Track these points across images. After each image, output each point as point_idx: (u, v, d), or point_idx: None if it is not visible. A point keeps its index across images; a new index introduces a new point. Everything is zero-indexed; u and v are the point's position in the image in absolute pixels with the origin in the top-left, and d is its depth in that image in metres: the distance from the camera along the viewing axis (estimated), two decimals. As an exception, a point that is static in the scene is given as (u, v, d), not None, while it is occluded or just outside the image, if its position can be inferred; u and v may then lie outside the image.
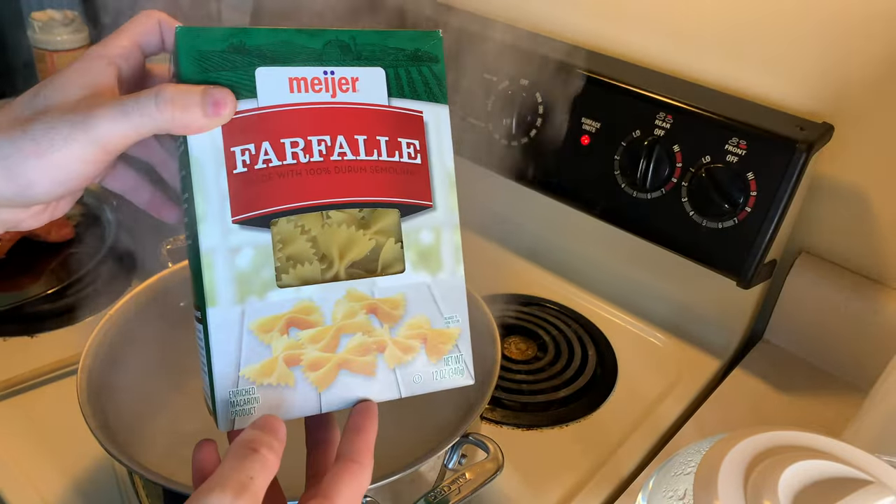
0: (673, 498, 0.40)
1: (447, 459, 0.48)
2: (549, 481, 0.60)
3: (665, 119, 0.68)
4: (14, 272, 0.78)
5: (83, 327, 0.72)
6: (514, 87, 0.77)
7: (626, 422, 0.66)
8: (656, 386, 0.71)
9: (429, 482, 0.48)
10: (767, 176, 0.63)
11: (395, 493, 0.45)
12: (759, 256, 0.64)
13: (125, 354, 0.53)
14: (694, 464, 0.41)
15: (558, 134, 0.75)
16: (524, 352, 0.73)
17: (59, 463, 0.59)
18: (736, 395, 0.70)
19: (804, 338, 0.74)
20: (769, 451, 0.40)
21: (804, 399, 0.70)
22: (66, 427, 0.60)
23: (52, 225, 0.82)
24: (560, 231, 0.84)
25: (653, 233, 0.71)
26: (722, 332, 0.75)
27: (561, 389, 0.68)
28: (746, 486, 0.38)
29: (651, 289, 0.78)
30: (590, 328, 0.77)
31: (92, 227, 0.84)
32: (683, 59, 0.75)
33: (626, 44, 0.78)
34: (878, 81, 0.64)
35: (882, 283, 0.69)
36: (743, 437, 0.41)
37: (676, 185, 0.68)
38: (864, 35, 0.63)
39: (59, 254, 0.81)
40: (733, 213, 0.65)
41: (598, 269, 0.82)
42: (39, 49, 1.07)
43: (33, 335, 0.71)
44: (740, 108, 0.67)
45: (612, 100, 0.71)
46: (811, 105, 0.68)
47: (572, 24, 0.82)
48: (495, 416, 0.66)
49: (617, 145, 0.71)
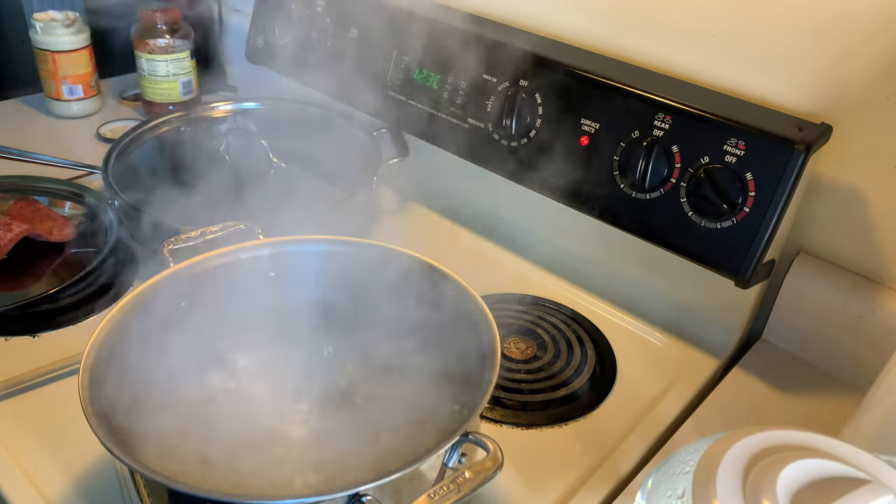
0: (672, 497, 0.41)
1: (447, 458, 0.48)
2: (548, 480, 0.60)
3: (664, 120, 0.68)
4: (15, 272, 0.78)
5: (84, 327, 0.73)
6: (514, 88, 0.77)
7: (626, 421, 0.66)
8: (655, 385, 0.71)
9: (429, 481, 0.48)
10: (766, 176, 0.63)
11: (396, 492, 0.45)
12: (757, 256, 0.64)
13: (127, 354, 0.53)
14: (693, 463, 0.41)
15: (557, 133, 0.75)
16: (524, 351, 0.73)
17: (60, 462, 0.59)
18: (734, 395, 0.70)
19: (802, 337, 0.74)
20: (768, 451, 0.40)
21: (802, 398, 0.70)
22: (68, 426, 0.60)
23: (54, 225, 0.82)
24: (560, 231, 0.84)
25: (652, 233, 0.71)
26: (720, 332, 0.75)
27: (560, 389, 0.69)
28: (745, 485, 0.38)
29: (650, 289, 0.78)
30: (589, 328, 0.77)
31: (93, 227, 0.84)
32: (682, 59, 0.75)
33: (625, 44, 0.78)
34: (877, 82, 0.64)
35: (880, 283, 0.70)
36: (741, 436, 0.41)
37: (675, 186, 0.68)
38: (862, 35, 0.63)
39: (61, 254, 0.81)
40: (732, 214, 0.65)
41: (598, 269, 0.82)
42: (41, 50, 1.07)
43: (35, 335, 0.71)
44: (739, 109, 0.67)
45: (612, 100, 0.71)
46: (810, 105, 0.68)
47: (572, 24, 0.82)
48: (495, 415, 0.66)
49: (616, 146, 0.71)
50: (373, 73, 0.90)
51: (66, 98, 1.10)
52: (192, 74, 1.12)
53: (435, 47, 0.84)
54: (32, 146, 0.95)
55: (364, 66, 0.91)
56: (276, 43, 1.02)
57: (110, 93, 1.20)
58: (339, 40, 0.94)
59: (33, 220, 0.82)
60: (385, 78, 0.90)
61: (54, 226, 0.82)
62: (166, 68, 1.08)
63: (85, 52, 1.09)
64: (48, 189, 0.89)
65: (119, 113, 1.15)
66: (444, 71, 0.83)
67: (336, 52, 0.94)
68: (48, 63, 1.08)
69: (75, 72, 1.09)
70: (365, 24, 0.91)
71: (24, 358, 0.68)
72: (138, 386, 0.54)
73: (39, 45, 1.07)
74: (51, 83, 1.10)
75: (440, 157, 0.87)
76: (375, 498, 0.43)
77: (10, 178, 0.90)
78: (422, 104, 0.86)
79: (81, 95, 1.11)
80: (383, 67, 0.90)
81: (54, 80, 1.09)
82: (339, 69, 0.94)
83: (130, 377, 0.54)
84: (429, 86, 0.85)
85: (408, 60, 0.87)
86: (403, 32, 0.86)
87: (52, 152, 0.94)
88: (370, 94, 0.91)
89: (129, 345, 0.54)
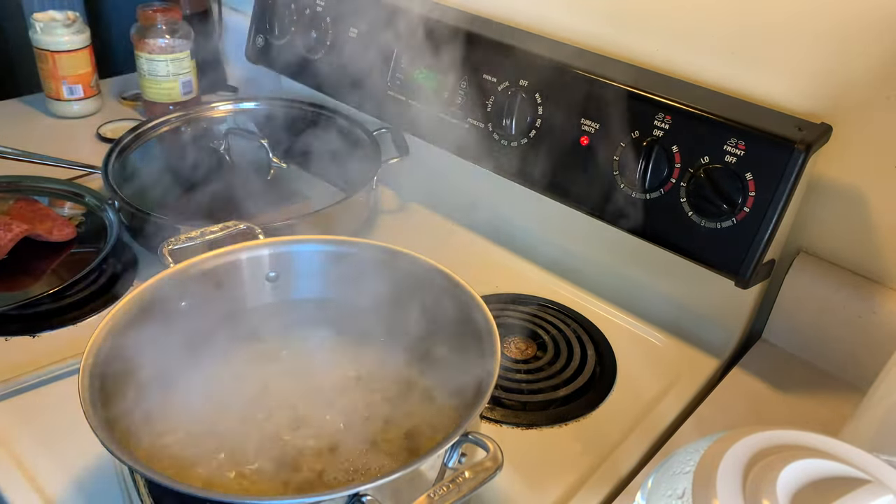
0: (672, 497, 0.41)
1: (447, 458, 0.48)
2: (548, 480, 0.60)
3: (664, 120, 0.68)
4: (16, 272, 0.78)
5: (85, 327, 0.73)
6: (514, 88, 0.77)
7: (625, 421, 0.66)
8: (655, 385, 0.71)
9: (429, 481, 0.48)
10: (766, 176, 0.63)
11: (395, 492, 0.45)
12: (757, 256, 0.64)
13: (127, 354, 0.53)
14: (693, 463, 0.41)
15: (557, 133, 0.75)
16: (524, 351, 0.73)
17: (60, 462, 0.59)
18: (734, 395, 0.70)
19: (802, 337, 0.74)
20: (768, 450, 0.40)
21: (802, 398, 0.70)
22: (68, 426, 0.60)
23: (54, 225, 0.82)
24: (560, 231, 0.84)
25: (652, 233, 0.71)
26: (720, 332, 0.75)
27: (560, 389, 0.69)
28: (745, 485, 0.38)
29: (650, 289, 0.78)
30: (589, 328, 0.77)
31: (93, 227, 0.84)
32: (682, 59, 0.75)
33: (625, 44, 0.78)
34: (877, 82, 0.64)
35: (880, 283, 0.70)
36: (741, 436, 0.41)
37: (675, 186, 0.68)
38: (862, 35, 0.63)
39: (61, 253, 0.81)
40: (732, 214, 0.65)
41: (598, 268, 0.82)
42: (41, 50, 1.07)
43: (35, 335, 0.71)
44: (739, 109, 0.67)
45: (612, 100, 0.71)
46: (809, 106, 0.68)
47: (572, 24, 0.82)
48: (495, 415, 0.66)
49: (616, 146, 0.71)
50: (373, 72, 0.90)
51: (66, 98, 1.10)
52: (192, 74, 1.12)
53: (435, 47, 0.84)
54: (32, 146, 0.95)
55: (364, 65, 0.91)
56: (275, 43, 1.02)
57: (110, 93, 1.20)
58: (339, 40, 0.94)
59: (33, 220, 0.82)
60: (385, 78, 0.90)
61: (54, 226, 0.82)
62: (166, 68, 1.08)
63: (85, 52, 1.09)
64: (48, 189, 0.89)
65: (119, 113, 1.15)
66: (444, 71, 0.83)
67: (336, 52, 0.94)
68: (48, 63, 1.08)
69: (75, 72, 1.09)
70: (365, 24, 0.91)
71: (24, 358, 0.68)
72: (138, 386, 0.54)
73: (39, 45, 1.07)
74: (51, 83, 1.10)
75: (440, 157, 0.87)
76: (375, 498, 0.43)
77: (10, 178, 0.90)
78: (422, 104, 0.86)
79: (81, 95, 1.11)
80: (383, 67, 0.90)
81: (54, 80, 1.09)
82: (339, 69, 0.94)
83: (130, 377, 0.54)
84: (429, 86, 0.85)
85: (408, 60, 0.87)
86: (403, 32, 0.86)
87: (52, 152, 0.94)
88: (370, 93, 0.91)
89: (129, 345, 0.54)
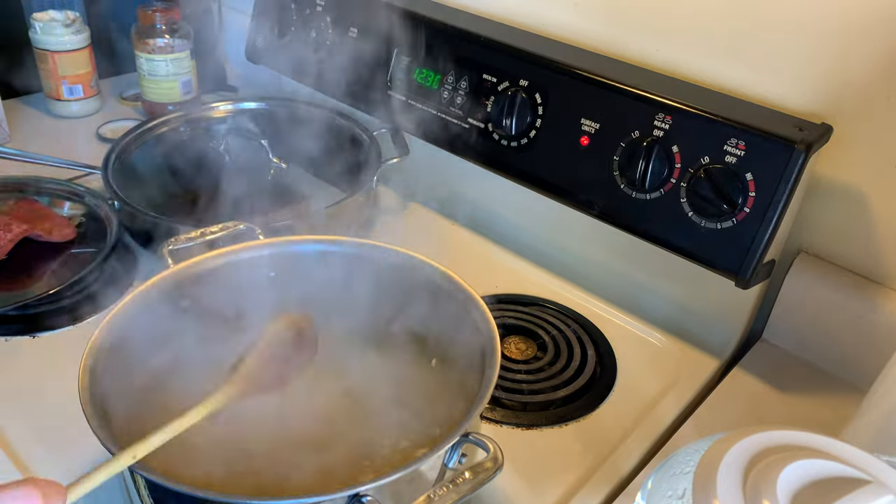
0: (672, 497, 0.41)
1: (447, 459, 0.48)
2: (548, 480, 0.60)
3: (664, 120, 0.68)
4: (15, 272, 0.78)
5: (85, 327, 0.73)
6: (514, 88, 0.77)
7: (626, 421, 0.66)
8: (655, 385, 0.71)
9: (428, 481, 0.48)
10: (766, 176, 0.63)
11: (395, 493, 0.45)
12: (757, 256, 0.64)
13: (127, 354, 0.53)
14: (693, 463, 0.41)
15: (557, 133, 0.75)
16: (524, 352, 0.73)
17: (60, 462, 0.59)
18: (735, 395, 0.70)
19: (803, 337, 0.74)
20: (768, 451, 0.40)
21: (803, 398, 0.70)
22: (68, 427, 0.60)
23: (54, 225, 0.82)
24: (560, 231, 0.84)
25: (652, 233, 0.71)
26: (721, 332, 0.75)
27: (560, 389, 0.69)
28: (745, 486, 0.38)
29: (650, 289, 0.78)
30: (589, 328, 0.77)
31: (93, 228, 0.84)
32: (682, 59, 0.75)
33: (625, 44, 0.78)
34: (877, 82, 0.64)
35: (880, 283, 0.69)
36: (742, 436, 0.41)
37: (675, 186, 0.68)
38: (862, 35, 0.63)
39: (61, 254, 0.81)
40: (732, 214, 0.65)
41: (598, 269, 0.82)
42: (41, 50, 1.07)
43: (34, 335, 0.71)
44: (739, 109, 0.67)
45: (612, 101, 0.71)
46: (810, 106, 0.68)
47: (572, 24, 0.82)
48: (495, 415, 0.66)
49: (616, 146, 0.71)
50: (373, 72, 0.91)
51: (66, 98, 1.10)
52: (192, 74, 1.12)
53: (435, 47, 0.84)
54: (32, 146, 0.95)
55: (364, 65, 0.91)
56: (275, 43, 1.02)
57: (110, 93, 1.20)
58: (339, 40, 0.94)
59: (33, 220, 0.82)
60: (385, 78, 0.90)
61: (54, 226, 0.82)
62: (166, 68, 1.08)
63: (85, 52, 1.09)
64: (48, 189, 0.89)
65: (119, 113, 1.15)
66: (444, 70, 0.83)
67: (336, 51, 0.94)
68: (48, 63, 1.08)
69: (75, 72, 1.09)
70: (365, 23, 0.91)
71: (24, 358, 0.68)
72: (138, 386, 0.54)
73: (39, 45, 1.07)
74: (51, 83, 1.10)
75: (440, 157, 0.87)
76: (375, 498, 0.43)
77: (10, 179, 0.90)
78: (422, 104, 0.86)
79: (81, 95, 1.11)
80: (383, 67, 0.90)
81: (54, 80, 1.09)
82: (339, 69, 0.94)
83: (130, 377, 0.54)
84: (429, 86, 0.85)
85: (408, 60, 0.87)
86: (403, 32, 0.86)
87: (52, 152, 0.94)
88: (370, 93, 0.91)
89: (129, 345, 0.54)
